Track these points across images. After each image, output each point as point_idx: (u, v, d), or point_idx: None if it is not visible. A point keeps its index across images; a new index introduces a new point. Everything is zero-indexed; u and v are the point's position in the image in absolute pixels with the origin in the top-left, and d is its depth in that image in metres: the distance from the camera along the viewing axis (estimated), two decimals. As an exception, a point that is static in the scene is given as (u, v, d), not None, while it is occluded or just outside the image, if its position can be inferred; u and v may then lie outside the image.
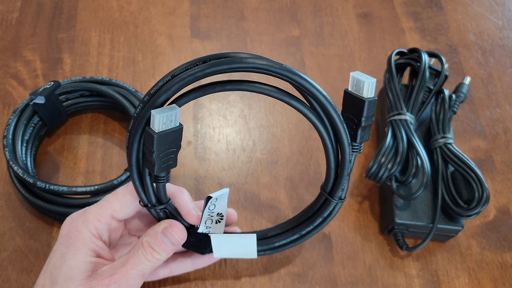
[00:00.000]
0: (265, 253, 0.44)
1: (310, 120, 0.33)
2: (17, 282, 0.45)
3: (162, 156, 0.32)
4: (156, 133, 0.30)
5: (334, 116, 0.33)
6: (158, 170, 0.32)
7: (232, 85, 0.31)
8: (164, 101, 0.31)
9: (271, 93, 0.32)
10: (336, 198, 0.39)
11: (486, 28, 0.65)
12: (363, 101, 0.33)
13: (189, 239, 0.40)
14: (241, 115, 0.56)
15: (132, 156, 0.33)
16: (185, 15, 0.62)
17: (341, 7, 0.65)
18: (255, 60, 0.30)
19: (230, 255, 0.43)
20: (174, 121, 0.31)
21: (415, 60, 0.51)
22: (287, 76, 0.30)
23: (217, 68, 0.30)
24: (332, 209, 0.40)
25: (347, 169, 0.36)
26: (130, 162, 0.34)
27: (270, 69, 0.30)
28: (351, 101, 0.34)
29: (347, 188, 0.39)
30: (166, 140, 0.31)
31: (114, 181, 0.46)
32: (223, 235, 0.41)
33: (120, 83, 0.52)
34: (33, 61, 0.57)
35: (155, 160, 0.32)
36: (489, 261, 0.48)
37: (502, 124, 0.57)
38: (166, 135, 0.31)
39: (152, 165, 0.32)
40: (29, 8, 0.61)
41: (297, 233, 0.42)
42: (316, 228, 0.42)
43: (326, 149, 0.35)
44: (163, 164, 0.32)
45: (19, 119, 0.49)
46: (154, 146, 0.31)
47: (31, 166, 0.49)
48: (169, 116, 0.30)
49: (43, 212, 0.47)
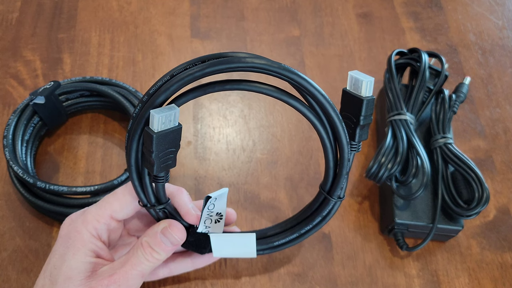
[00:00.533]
0: (264, 253, 0.43)
1: (309, 119, 0.33)
2: (17, 282, 0.45)
3: (161, 156, 0.32)
4: (155, 133, 0.30)
5: (333, 115, 0.33)
6: (157, 170, 0.32)
7: (231, 85, 0.31)
8: (163, 101, 0.31)
9: (270, 92, 0.32)
10: (335, 197, 0.39)
11: (486, 28, 0.65)
12: (361, 100, 0.33)
13: (188, 239, 0.40)
14: (241, 115, 0.56)
15: (131, 156, 0.33)
16: (185, 15, 0.62)
17: (341, 7, 0.65)
18: (254, 59, 0.30)
19: (230, 254, 0.43)
20: (173, 121, 0.31)
21: (415, 60, 0.51)
22: (286, 75, 0.30)
23: (216, 68, 0.30)
24: (331, 208, 0.40)
25: (345, 168, 0.36)
26: (129, 162, 0.34)
27: (269, 68, 0.30)
28: (349, 100, 0.34)
29: (345, 187, 0.39)
30: (165, 140, 0.31)
31: (114, 181, 0.46)
32: (223, 234, 0.41)
33: (120, 83, 0.52)
34: (33, 61, 0.57)
35: (154, 160, 0.32)
36: (489, 261, 0.48)
37: (502, 124, 0.57)
38: (165, 135, 0.31)
39: (151, 165, 0.32)
40: (29, 8, 0.61)
41: (296, 232, 0.42)
42: (315, 227, 0.42)
43: (324, 148, 0.35)
44: (162, 164, 0.32)
45: (19, 119, 0.49)
46: (153, 146, 0.31)
47: (31, 166, 0.49)
48: (168, 116, 0.30)
49: (43, 212, 0.47)
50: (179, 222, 0.39)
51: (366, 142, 0.54)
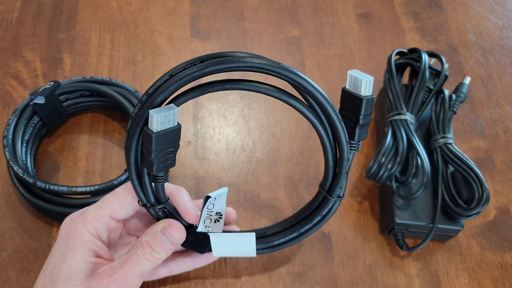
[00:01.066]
0: (264, 252, 0.43)
1: (308, 118, 0.33)
2: (17, 282, 0.45)
3: (160, 155, 0.32)
4: (155, 133, 0.30)
5: (332, 114, 0.33)
6: (157, 170, 0.32)
7: (230, 84, 0.31)
8: (162, 101, 0.31)
9: (269, 92, 0.32)
10: (334, 196, 0.39)
11: (486, 28, 0.65)
12: (360, 99, 0.33)
13: (188, 238, 0.40)
14: (241, 115, 0.56)
15: (131, 156, 0.33)
16: (185, 15, 0.62)
17: (341, 7, 0.65)
18: (253, 59, 0.30)
19: (230, 254, 0.43)
20: (172, 120, 0.31)
21: (415, 60, 0.51)
22: (285, 75, 0.30)
23: (215, 68, 0.30)
24: (330, 207, 0.40)
25: (345, 167, 0.36)
26: (128, 162, 0.34)
27: (268, 68, 0.30)
28: (349, 99, 0.34)
29: (345, 186, 0.39)
30: (164, 140, 0.31)
31: (114, 181, 0.46)
32: (222, 234, 0.41)
33: (120, 83, 0.52)
34: (33, 61, 0.57)
35: (153, 159, 0.32)
36: (489, 261, 0.48)
37: (502, 124, 0.57)
38: (165, 135, 0.31)
39: (151, 165, 0.32)
40: (29, 8, 0.61)
41: (296, 231, 0.42)
42: (315, 226, 0.42)
43: (324, 147, 0.35)
44: (162, 164, 0.32)
45: (19, 119, 0.49)
46: (152, 146, 0.31)
47: (31, 166, 0.49)
48: (167, 116, 0.30)
49: (43, 212, 0.47)
50: (179, 221, 0.39)
51: (366, 141, 0.54)
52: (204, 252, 0.42)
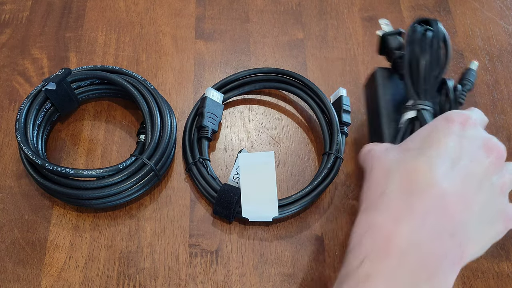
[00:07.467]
0: (285, 211, 0.48)
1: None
2: (13, 273, 0.46)
3: (208, 114, 0.52)
4: (208, 98, 0.52)
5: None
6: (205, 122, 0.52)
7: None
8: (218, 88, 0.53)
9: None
10: (333, 152, 0.49)
11: (495, 33, 0.64)
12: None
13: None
14: (240, 116, 0.56)
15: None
16: (191, 16, 0.63)
17: (347, 10, 0.65)
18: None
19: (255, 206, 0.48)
20: (219, 99, 0.53)
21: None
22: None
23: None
24: (333, 163, 0.50)
25: (336, 125, 0.50)
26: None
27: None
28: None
29: (343, 150, 0.50)
30: (212, 105, 0.52)
31: (119, 165, 0.47)
32: (248, 154, 0.50)
33: (130, 72, 0.53)
34: (41, 59, 0.59)
35: (205, 113, 0.51)
36: (485, 269, 0.47)
37: (506, 131, 0.56)
38: (212, 102, 0.52)
39: (202, 117, 0.51)
40: (40, 8, 0.63)
41: (309, 185, 0.49)
42: (324, 181, 0.49)
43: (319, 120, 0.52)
44: (209, 121, 0.52)
45: (32, 104, 0.50)
46: (205, 103, 0.51)
47: (41, 150, 0.50)
48: (216, 94, 0.53)
49: (51, 193, 0.49)
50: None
51: (362, 140, 0.54)
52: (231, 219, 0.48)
